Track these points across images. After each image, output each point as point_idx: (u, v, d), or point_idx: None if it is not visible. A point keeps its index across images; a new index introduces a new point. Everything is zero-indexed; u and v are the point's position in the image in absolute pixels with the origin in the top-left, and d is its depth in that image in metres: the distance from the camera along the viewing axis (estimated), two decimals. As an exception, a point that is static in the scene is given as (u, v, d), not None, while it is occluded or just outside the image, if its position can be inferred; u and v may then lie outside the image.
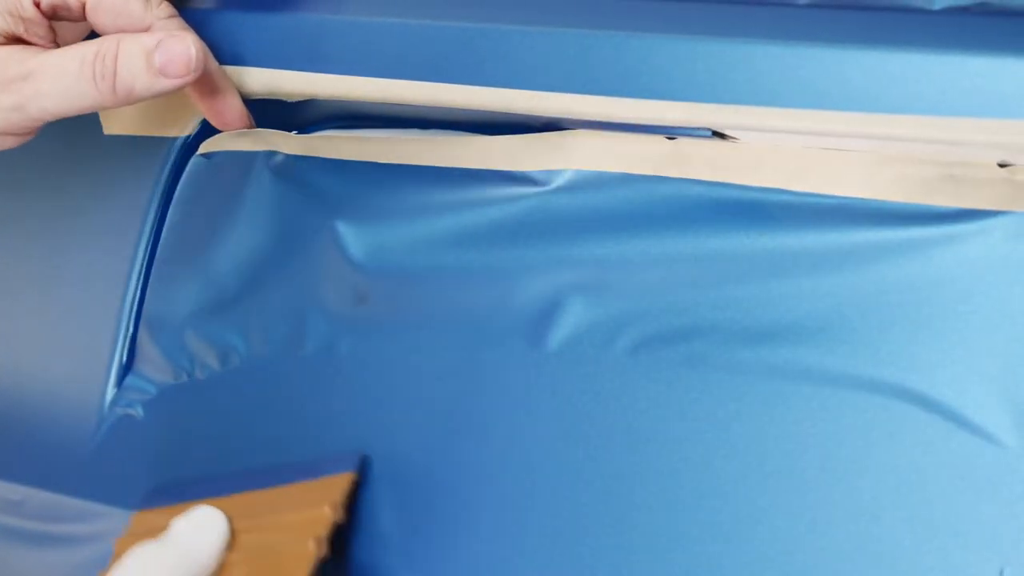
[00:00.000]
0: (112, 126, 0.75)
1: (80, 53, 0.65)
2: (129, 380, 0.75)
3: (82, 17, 0.67)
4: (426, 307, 0.67)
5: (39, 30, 0.67)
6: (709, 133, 0.61)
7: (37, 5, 0.67)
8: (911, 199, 0.58)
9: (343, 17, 0.67)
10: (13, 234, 0.80)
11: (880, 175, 0.58)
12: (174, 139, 0.74)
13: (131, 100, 0.66)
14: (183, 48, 0.65)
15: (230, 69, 0.69)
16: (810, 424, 0.58)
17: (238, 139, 0.72)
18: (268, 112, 0.71)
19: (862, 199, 0.58)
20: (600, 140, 0.63)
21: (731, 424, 0.60)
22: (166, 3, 0.67)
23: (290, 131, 0.72)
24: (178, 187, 0.74)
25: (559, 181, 0.64)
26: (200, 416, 0.72)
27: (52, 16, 0.68)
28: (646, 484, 0.61)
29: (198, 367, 0.73)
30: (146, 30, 0.67)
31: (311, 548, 0.64)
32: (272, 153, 0.71)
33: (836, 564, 0.57)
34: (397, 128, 0.70)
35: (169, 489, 0.71)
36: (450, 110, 0.65)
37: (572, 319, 0.64)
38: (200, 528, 0.66)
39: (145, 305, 0.75)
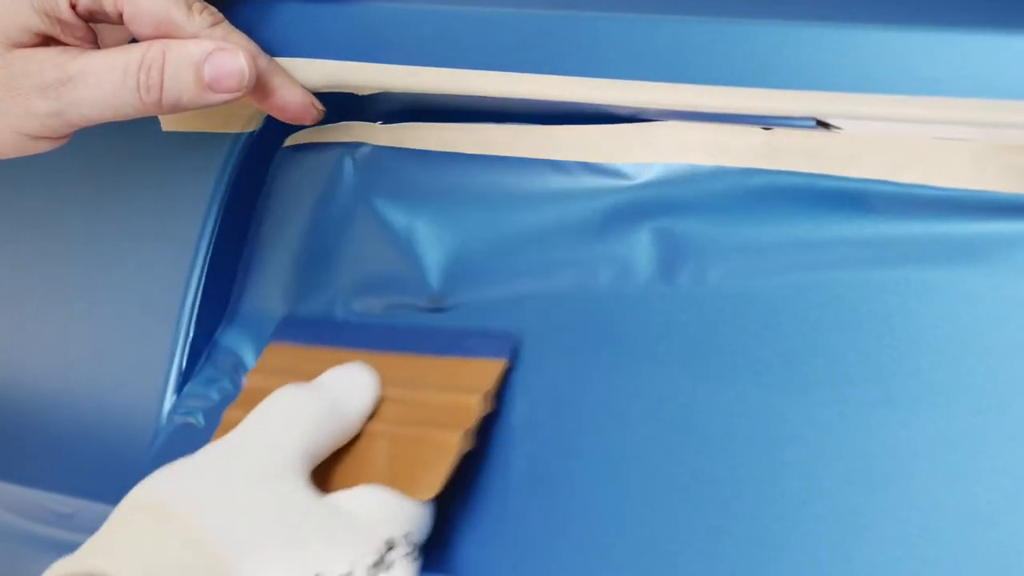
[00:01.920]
0: (170, 123, 0.73)
1: (124, 61, 0.63)
2: (189, 387, 0.74)
3: (120, 22, 0.65)
4: (508, 308, 0.65)
5: (76, 32, 0.65)
6: (813, 123, 0.59)
7: (73, 7, 0.65)
8: None
9: (409, 5, 0.66)
10: (67, 235, 0.79)
11: (991, 164, 0.56)
12: (238, 135, 0.72)
13: (177, 111, 0.65)
14: (234, 63, 0.64)
15: (288, 61, 0.67)
16: (921, 426, 0.56)
17: (324, 132, 0.70)
18: (332, 106, 0.69)
19: (971, 190, 0.56)
20: (691, 131, 0.61)
21: (836, 425, 0.57)
22: (209, 10, 0.65)
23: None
24: (266, 181, 0.73)
25: (648, 175, 0.62)
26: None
27: (89, 19, 0.65)
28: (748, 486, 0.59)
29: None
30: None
31: (457, 440, 0.61)
32: (358, 145, 0.69)
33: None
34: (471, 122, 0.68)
35: (304, 326, 0.69)
36: (528, 102, 0.63)
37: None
38: (354, 387, 0.64)
39: (234, 305, 0.74)
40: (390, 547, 0.59)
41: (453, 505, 0.63)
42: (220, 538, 0.56)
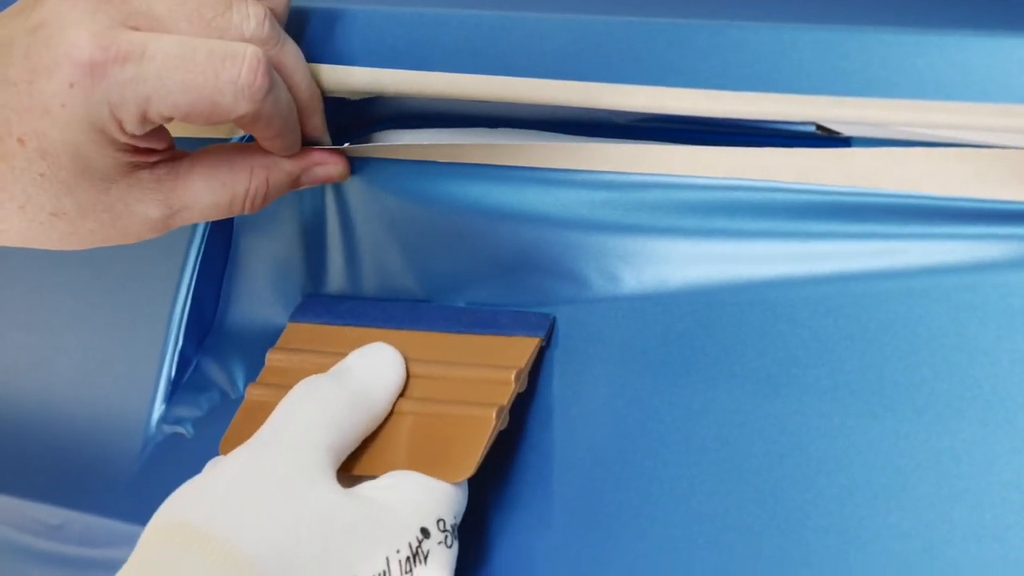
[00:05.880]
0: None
1: (229, 197, 0.64)
2: (178, 396, 0.74)
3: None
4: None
5: (151, 143, 0.63)
6: (812, 127, 0.58)
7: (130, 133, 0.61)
8: None
9: (405, 8, 0.65)
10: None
11: (997, 172, 0.55)
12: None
13: None
14: (328, 174, 0.66)
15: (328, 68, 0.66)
16: (925, 438, 0.55)
17: None
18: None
19: (977, 199, 0.55)
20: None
21: (838, 437, 0.57)
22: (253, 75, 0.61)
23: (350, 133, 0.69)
24: None
25: (644, 183, 0.61)
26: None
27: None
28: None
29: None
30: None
31: (491, 416, 0.61)
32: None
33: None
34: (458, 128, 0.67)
35: (326, 303, 0.68)
36: (524, 107, 0.62)
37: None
38: (377, 369, 0.63)
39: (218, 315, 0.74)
40: (425, 536, 0.58)
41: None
42: (257, 555, 0.56)
